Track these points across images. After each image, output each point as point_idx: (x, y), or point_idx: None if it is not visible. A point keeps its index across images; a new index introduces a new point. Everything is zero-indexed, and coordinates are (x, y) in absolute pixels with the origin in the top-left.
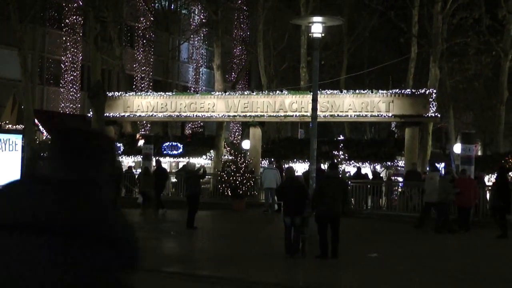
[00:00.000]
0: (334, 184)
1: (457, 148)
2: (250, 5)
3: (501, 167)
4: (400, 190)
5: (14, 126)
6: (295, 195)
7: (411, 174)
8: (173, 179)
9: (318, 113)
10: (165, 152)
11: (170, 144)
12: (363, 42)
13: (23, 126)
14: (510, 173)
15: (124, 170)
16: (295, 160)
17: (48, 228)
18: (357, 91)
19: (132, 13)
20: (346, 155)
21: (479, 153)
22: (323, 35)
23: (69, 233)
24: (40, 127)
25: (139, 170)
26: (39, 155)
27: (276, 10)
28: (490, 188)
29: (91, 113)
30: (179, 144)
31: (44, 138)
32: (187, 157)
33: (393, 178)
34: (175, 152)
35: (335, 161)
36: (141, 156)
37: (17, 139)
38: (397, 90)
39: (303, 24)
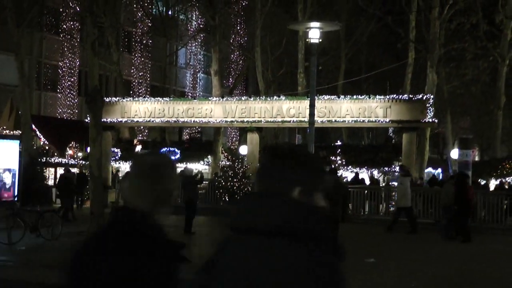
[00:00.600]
0: (333, 189)
1: (455, 153)
2: (248, 11)
3: (460, 172)
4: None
5: (12, 132)
6: None
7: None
8: None
9: (316, 118)
10: None
11: (168, 149)
12: (361, 47)
13: (21, 132)
14: (508, 179)
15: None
16: None
17: (282, 233)
18: (354, 96)
19: (129, 19)
20: (344, 160)
21: (477, 158)
22: (320, 40)
23: (305, 237)
24: (38, 132)
25: None
26: (36, 160)
27: (274, 16)
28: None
29: (88, 118)
30: (176, 150)
31: (41, 143)
32: (184, 163)
33: (391, 183)
34: (172, 157)
35: (333, 166)
36: None
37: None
38: (395, 95)
39: (300, 30)
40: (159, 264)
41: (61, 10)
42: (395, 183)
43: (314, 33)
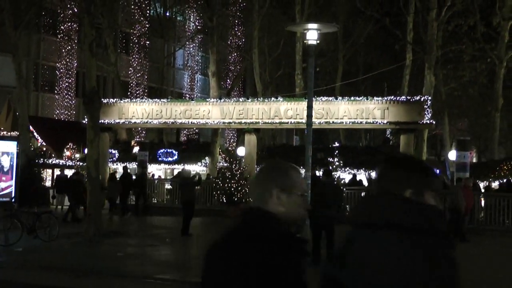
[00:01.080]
0: (329, 190)
1: (452, 155)
2: (246, 12)
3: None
4: None
5: (9, 133)
6: None
7: None
8: (168, 186)
9: (313, 120)
10: (160, 159)
11: (165, 151)
12: (358, 49)
13: (18, 133)
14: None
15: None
16: None
17: (398, 226)
18: (352, 98)
19: (127, 20)
20: (341, 162)
21: (474, 160)
22: (318, 42)
23: (420, 230)
24: (35, 133)
25: (133, 177)
26: (34, 161)
27: (271, 17)
28: None
29: (86, 119)
30: (174, 151)
31: (38, 144)
32: (182, 164)
33: None
34: (170, 159)
35: (330, 168)
36: (136, 163)
37: None
38: (392, 97)
39: (298, 31)
40: (291, 258)
41: (58, 11)
42: None
43: (312, 34)
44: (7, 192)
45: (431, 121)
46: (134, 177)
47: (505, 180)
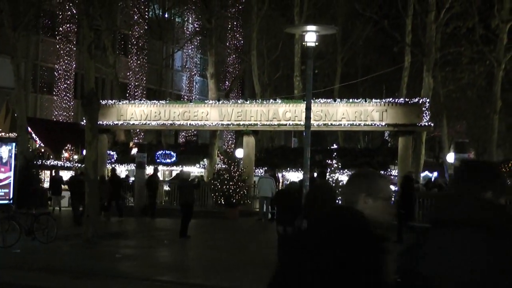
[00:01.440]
0: (324, 192)
1: (451, 157)
2: (244, 14)
3: (405, 175)
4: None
5: (7, 134)
6: (288, 204)
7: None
8: (166, 188)
9: (312, 122)
10: (158, 160)
11: (164, 152)
12: (357, 51)
13: (16, 134)
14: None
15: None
16: (288, 168)
17: (477, 223)
18: (350, 100)
19: (126, 22)
20: (340, 164)
21: None
22: (317, 44)
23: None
24: (33, 135)
25: (132, 179)
26: (32, 162)
27: (270, 19)
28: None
29: (84, 121)
30: (172, 153)
31: (37, 146)
32: (180, 166)
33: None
34: (168, 160)
35: (328, 169)
36: (135, 165)
37: None
38: (391, 99)
39: (297, 33)
40: (375, 255)
41: (57, 12)
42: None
43: (311, 36)
44: (6, 184)
45: (429, 123)
46: (133, 179)
47: None
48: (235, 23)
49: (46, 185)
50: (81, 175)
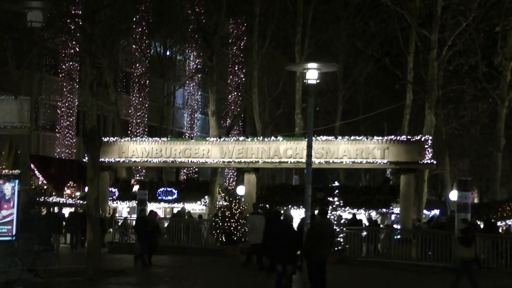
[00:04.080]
0: (324, 229)
1: (453, 195)
2: (245, 52)
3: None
4: (399, 237)
5: (10, 171)
6: (289, 242)
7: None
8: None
9: (313, 159)
10: (159, 197)
11: (165, 189)
12: (358, 88)
13: (19, 171)
14: (509, 221)
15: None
16: (289, 206)
17: None
18: (352, 137)
19: (127, 60)
20: (341, 201)
21: (476, 200)
22: (318, 81)
23: None
24: (36, 172)
25: (134, 216)
26: (34, 199)
27: (271, 57)
28: None
29: (86, 158)
30: (173, 190)
31: (39, 183)
32: (181, 203)
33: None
34: (169, 197)
35: (329, 207)
36: (136, 202)
37: None
38: (392, 136)
39: (298, 71)
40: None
41: (60, 51)
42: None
43: (312, 74)
44: (9, 220)
45: (431, 161)
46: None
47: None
48: (236, 60)
49: None
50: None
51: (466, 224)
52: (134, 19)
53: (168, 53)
